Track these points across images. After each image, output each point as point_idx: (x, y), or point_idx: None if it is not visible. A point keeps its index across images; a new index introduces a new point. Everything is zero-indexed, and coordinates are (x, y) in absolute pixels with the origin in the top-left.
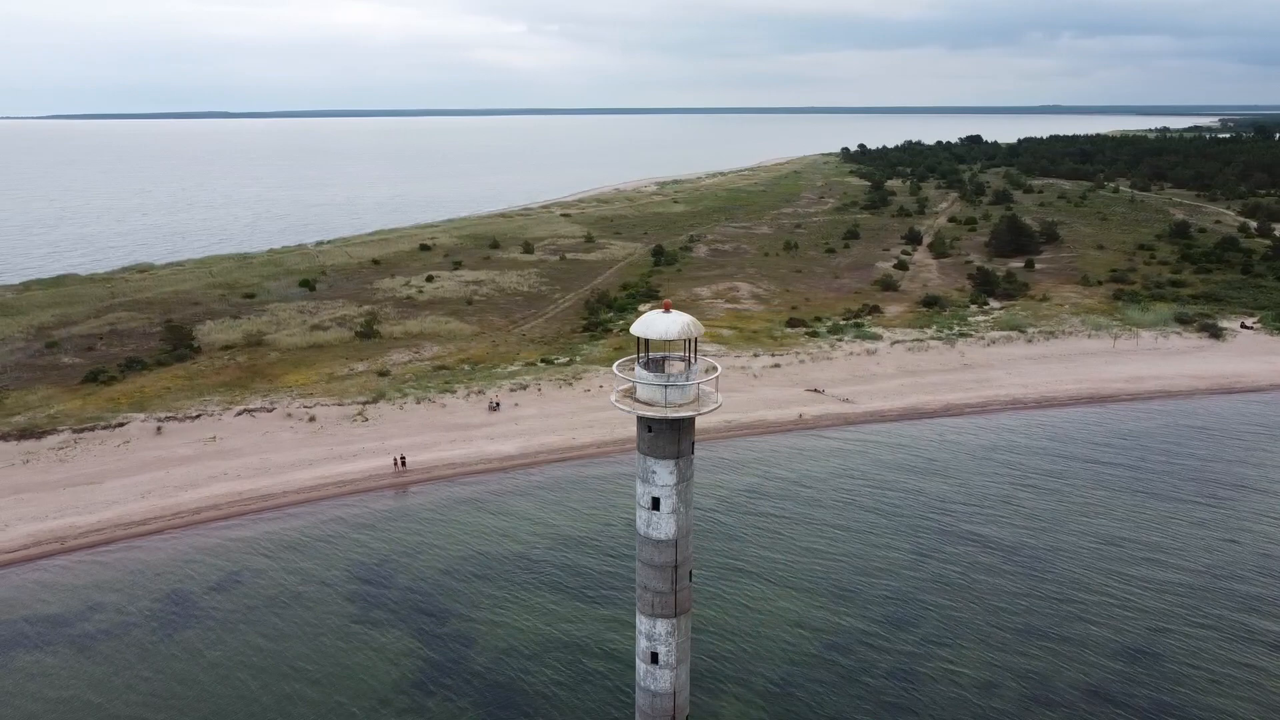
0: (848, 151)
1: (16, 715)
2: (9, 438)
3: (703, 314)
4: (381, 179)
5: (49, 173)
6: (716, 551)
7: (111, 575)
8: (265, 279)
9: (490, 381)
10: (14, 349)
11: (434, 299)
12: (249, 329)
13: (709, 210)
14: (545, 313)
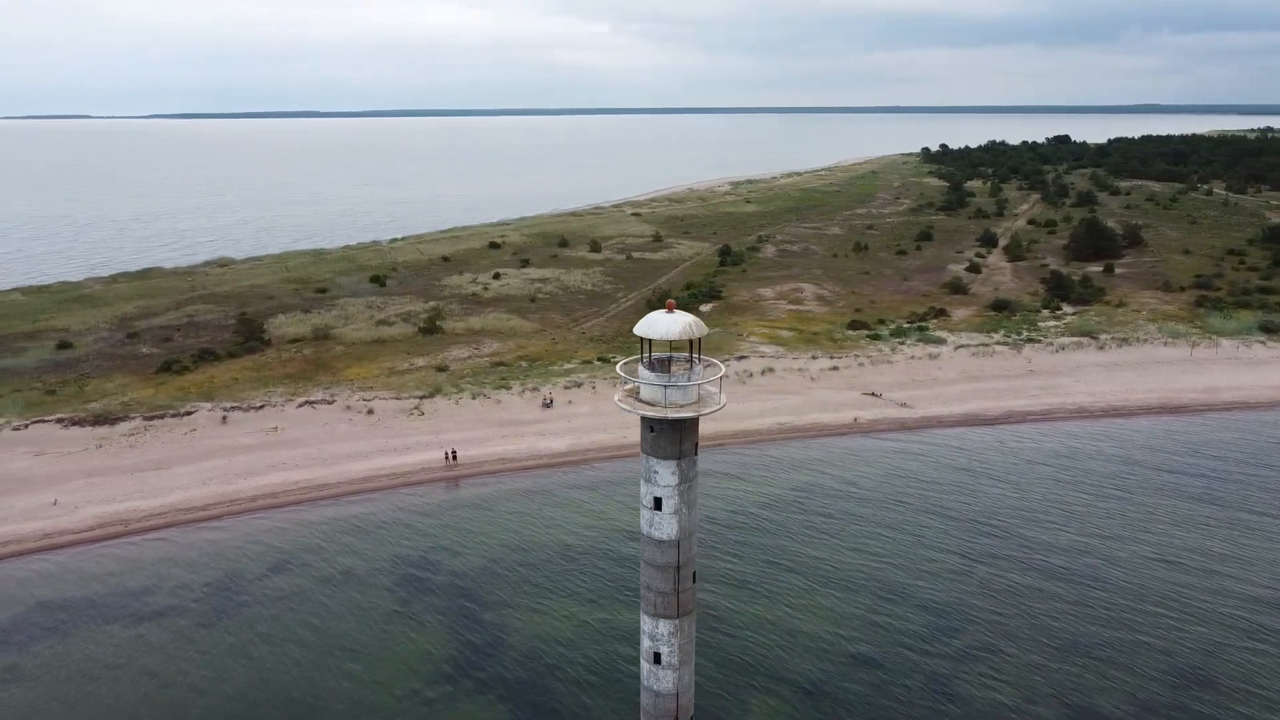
0: (928, 152)
1: (78, 684)
2: (85, 423)
3: (764, 314)
4: (459, 177)
5: (146, 171)
6: (760, 548)
7: (170, 557)
8: (338, 275)
9: (545, 379)
10: (98, 338)
11: (499, 296)
12: (317, 323)
13: (780, 210)
14: (606, 311)
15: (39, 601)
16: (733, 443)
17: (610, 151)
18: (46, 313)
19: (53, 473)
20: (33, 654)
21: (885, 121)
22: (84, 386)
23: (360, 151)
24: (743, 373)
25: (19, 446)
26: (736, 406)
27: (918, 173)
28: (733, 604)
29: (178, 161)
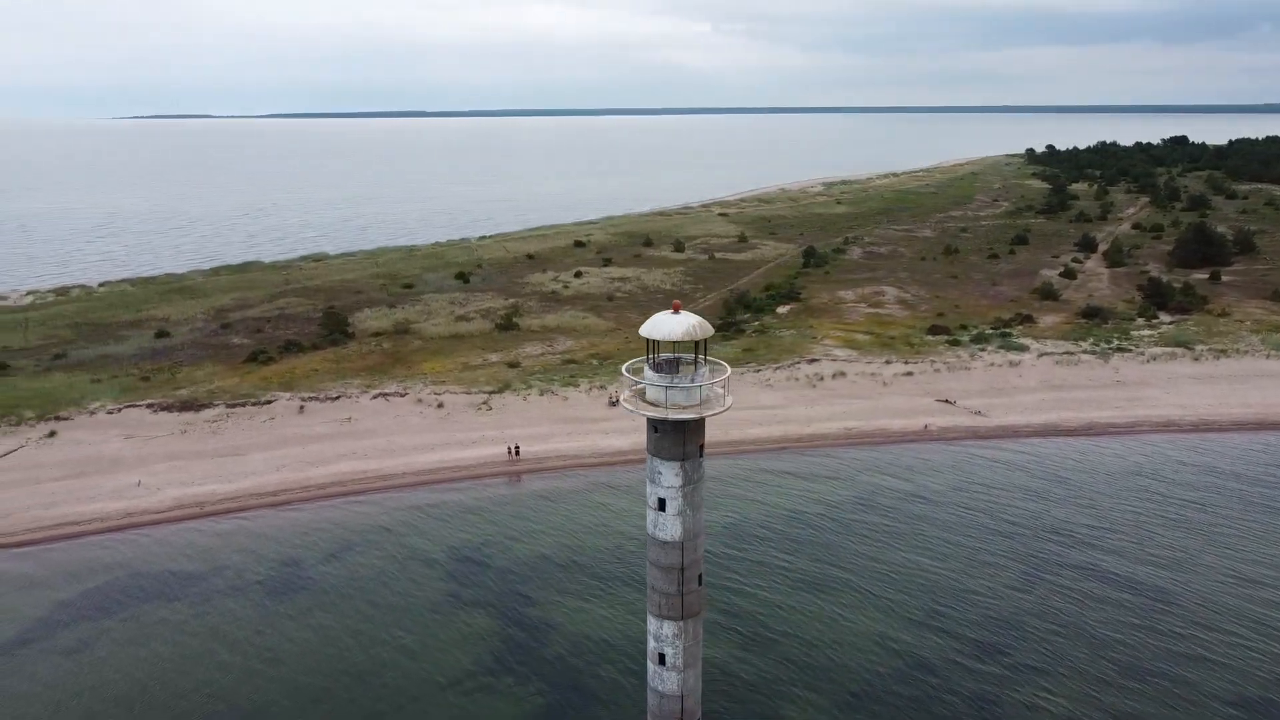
0: (1033, 153)
1: (142, 658)
2: (173, 409)
3: (842, 317)
4: (556, 176)
5: (259, 169)
6: (815, 550)
7: (239, 540)
8: (425, 271)
9: (613, 377)
10: (194, 328)
11: (577, 294)
12: (399, 318)
13: (871, 212)
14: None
15: (116, 577)
16: (797, 446)
17: (706, 151)
18: (150, 303)
19: (140, 455)
20: (106, 626)
21: (992, 121)
22: (176, 374)
23: (464, 151)
24: (813, 376)
25: (112, 429)
26: (804, 410)
27: (1020, 174)
28: (780, 605)
29: (289, 160)
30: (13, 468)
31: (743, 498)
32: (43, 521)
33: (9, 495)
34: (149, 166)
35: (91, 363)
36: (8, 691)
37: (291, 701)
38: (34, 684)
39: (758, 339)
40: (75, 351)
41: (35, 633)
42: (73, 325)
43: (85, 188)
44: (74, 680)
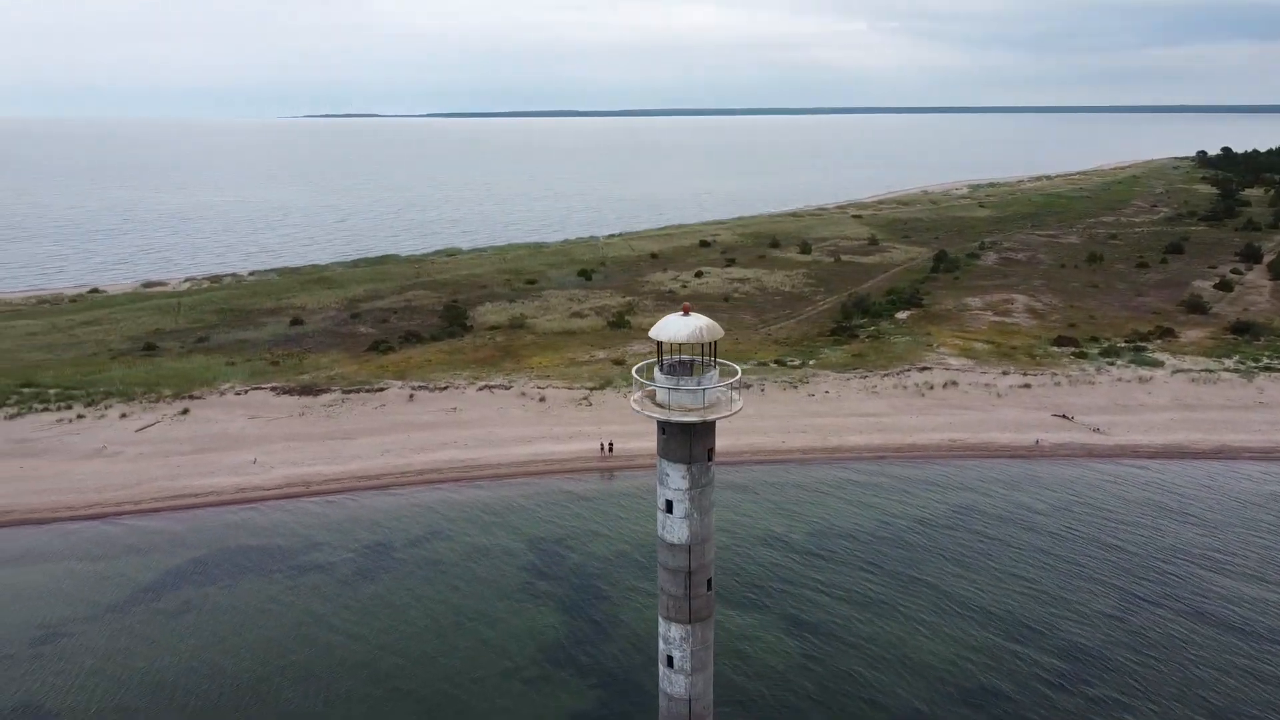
0: (1204, 155)
1: (236, 624)
2: (294, 393)
3: (963, 325)
4: (696, 175)
5: (414, 165)
6: (899, 564)
7: (335, 520)
8: (550, 267)
9: None
10: (326, 317)
11: (695, 294)
12: (516, 313)
13: (1015, 216)
14: (800, 314)
15: (222, 547)
16: (896, 456)
17: (854, 151)
18: (290, 292)
19: (259, 434)
20: (207, 592)
21: (1164, 121)
22: (302, 360)
23: (609, 150)
24: (922, 384)
25: (238, 409)
26: (909, 419)
27: (1187, 179)
28: (851, 617)
29: (442, 157)
30: (148, 441)
31: (831, 505)
32: (166, 492)
33: (141, 466)
34: (314, 163)
35: (230, 346)
36: (116, 644)
37: (366, 674)
38: (138, 640)
39: (869, 344)
40: (217, 335)
41: (145, 593)
42: (219, 311)
43: (254, 183)
44: (174, 639)
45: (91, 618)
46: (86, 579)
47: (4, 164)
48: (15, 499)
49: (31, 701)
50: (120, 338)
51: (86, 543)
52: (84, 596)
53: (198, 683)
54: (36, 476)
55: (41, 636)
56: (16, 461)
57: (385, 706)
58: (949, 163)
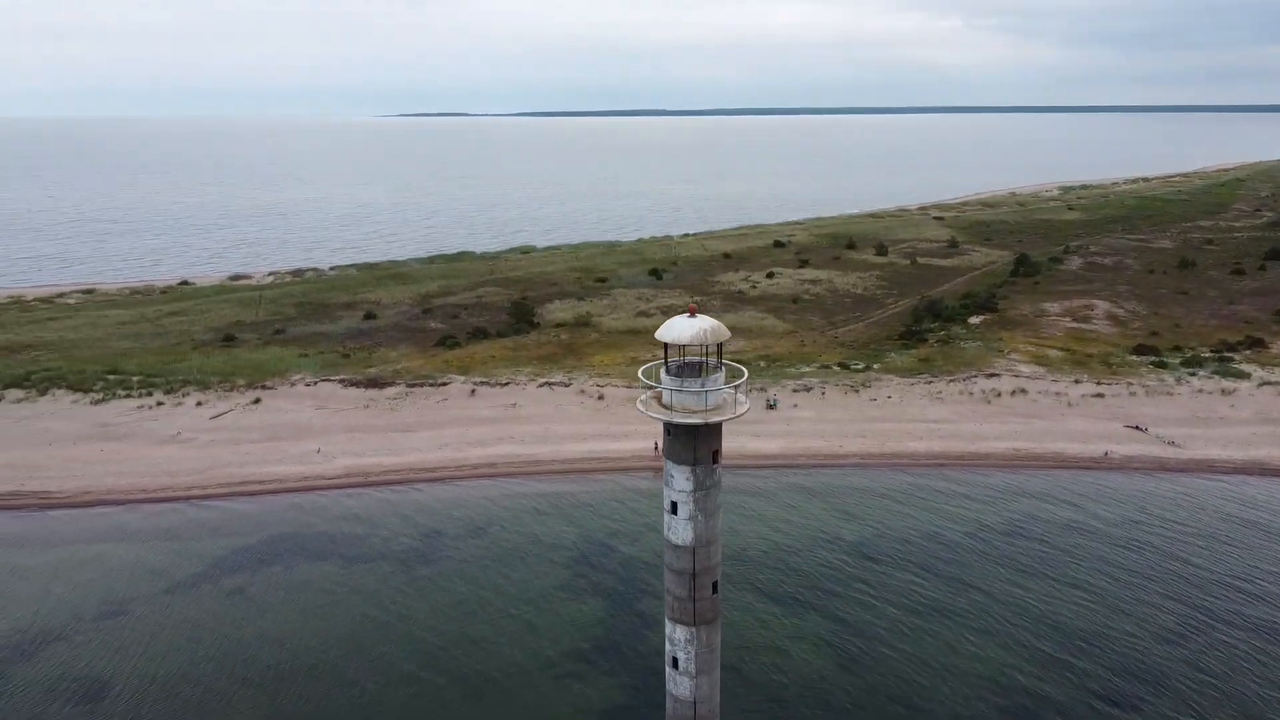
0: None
1: (294, 604)
2: (360, 385)
3: (1038, 331)
4: (781, 175)
5: (502, 164)
6: (947, 574)
7: (393, 510)
8: (621, 266)
9: (776, 379)
10: (399, 312)
11: (764, 295)
12: (583, 311)
13: (1106, 219)
14: (869, 317)
15: (282, 532)
16: (957, 464)
17: (942, 151)
18: (367, 287)
19: (325, 425)
20: (268, 573)
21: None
22: (372, 353)
23: (695, 149)
24: (989, 391)
25: (307, 400)
26: (972, 426)
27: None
28: (896, 626)
29: (528, 156)
30: (221, 428)
31: (886, 510)
32: (234, 478)
33: (213, 452)
34: (403, 161)
35: (304, 339)
36: (180, 618)
37: (413, 654)
38: (201, 615)
39: (938, 349)
40: (293, 328)
41: (210, 572)
42: (297, 304)
43: (345, 180)
44: (235, 615)
45: (157, 594)
46: (155, 557)
47: (116, 161)
48: (95, 480)
49: (98, 671)
50: (203, 329)
51: (157, 523)
52: (152, 573)
53: (256, 656)
54: (116, 459)
55: (110, 610)
56: (98, 444)
57: (430, 685)
58: (1041, 163)
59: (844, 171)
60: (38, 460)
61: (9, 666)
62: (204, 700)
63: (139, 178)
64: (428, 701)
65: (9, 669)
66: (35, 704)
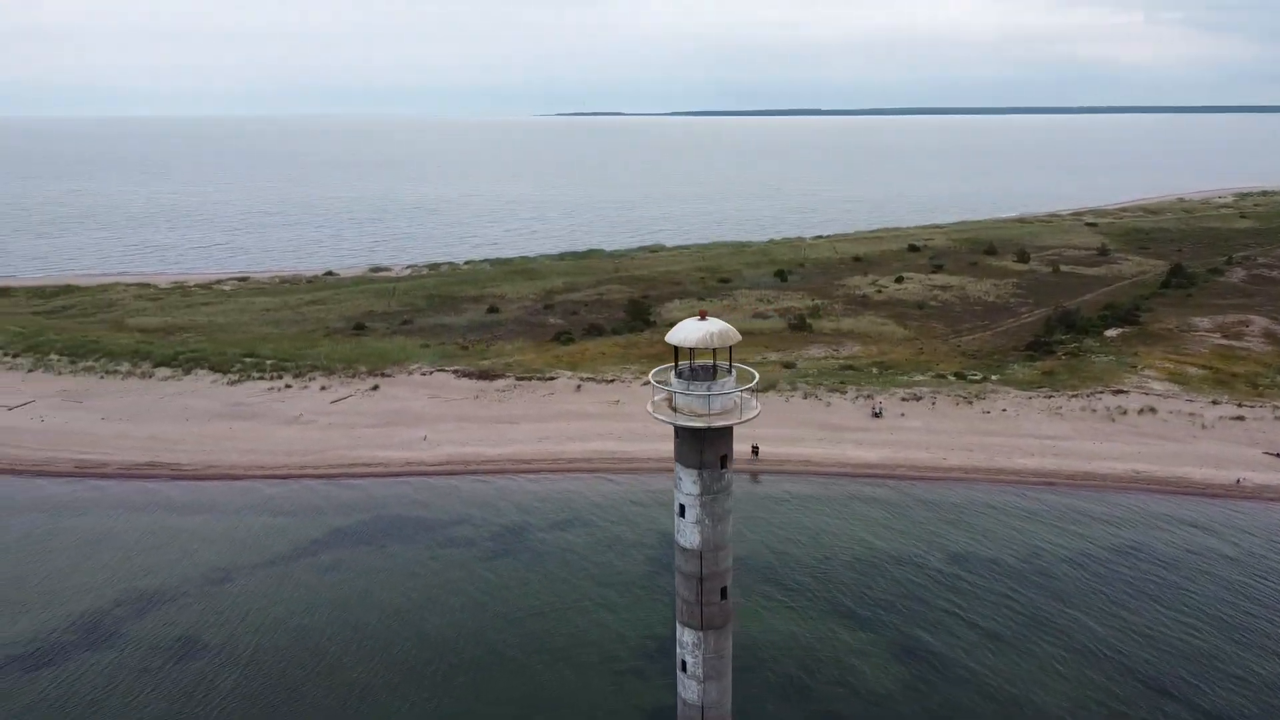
0: None
1: (381, 584)
2: (472, 376)
3: (1180, 347)
4: (929, 177)
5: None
6: (1035, 598)
7: (485, 499)
8: (747, 267)
9: (886, 387)
10: (522, 307)
11: (889, 300)
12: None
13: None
14: (998, 326)
15: (379, 515)
16: (1068, 484)
17: (1110, 153)
18: (495, 281)
19: (435, 414)
20: (360, 553)
21: None
22: (489, 346)
23: (844, 149)
24: (1114, 409)
25: (421, 389)
26: (1090, 445)
27: None
28: (977, 649)
29: (675, 155)
30: (340, 412)
31: (981, 528)
32: (344, 460)
33: (328, 435)
34: (552, 159)
35: (429, 330)
36: (274, 591)
37: (480, 643)
38: (294, 589)
39: (1065, 362)
40: (420, 319)
41: (309, 548)
42: (427, 296)
43: (494, 178)
44: (324, 591)
45: (258, 566)
46: (261, 530)
47: (286, 157)
48: (219, 456)
49: (195, 635)
50: (337, 317)
51: (267, 500)
52: (256, 545)
53: (336, 632)
54: (241, 438)
55: (215, 578)
56: (227, 423)
57: (491, 673)
58: (1217, 167)
59: (997, 174)
60: (174, 435)
61: (123, 623)
62: (286, 667)
63: (298, 172)
64: (499, 675)
65: (123, 625)
66: (142, 658)
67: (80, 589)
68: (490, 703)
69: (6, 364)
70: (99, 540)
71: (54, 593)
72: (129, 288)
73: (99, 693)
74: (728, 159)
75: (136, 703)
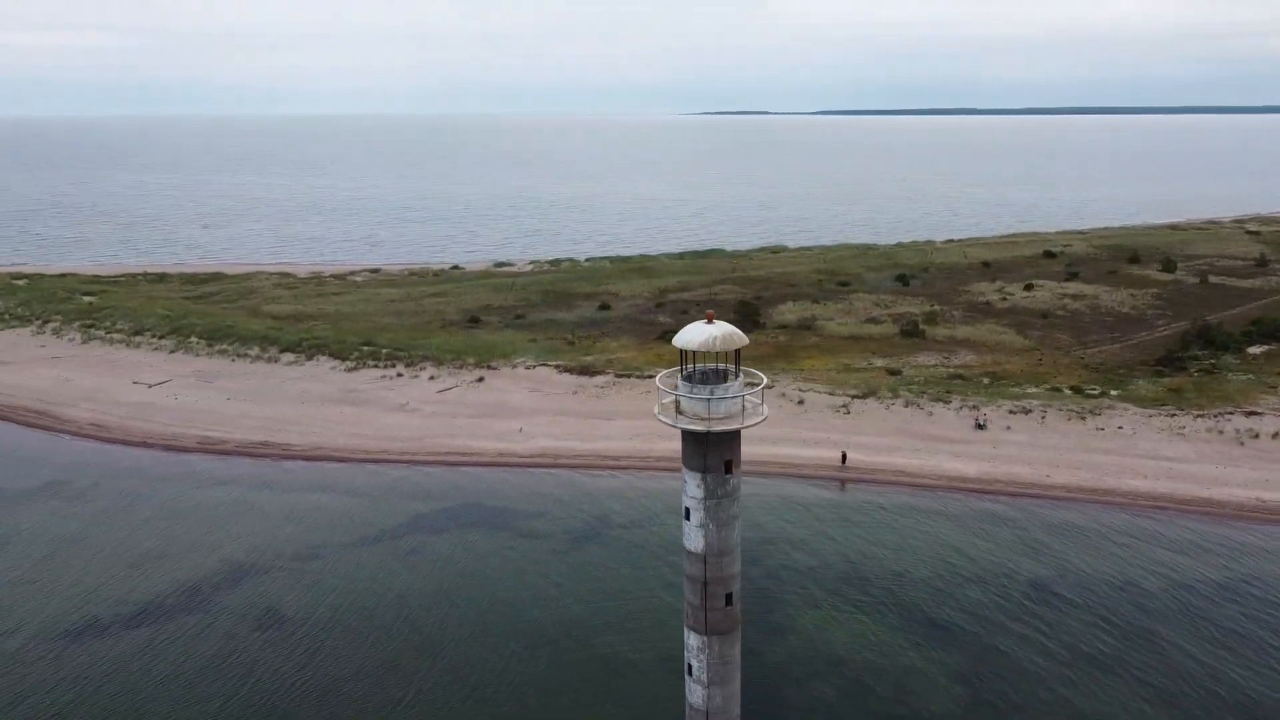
0: None
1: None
2: (573, 371)
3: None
4: (1085, 180)
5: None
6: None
7: (568, 492)
8: (869, 270)
9: (993, 399)
10: (633, 305)
11: (1013, 308)
12: (811, 313)
13: None
14: (1129, 339)
15: (465, 502)
16: (1182, 509)
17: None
18: (611, 279)
19: (534, 407)
20: (440, 538)
21: None
22: (595, 343)
23: (998, 151)
24: (1244, 431)
25: (524, 382)
26: (1212, 469)
27: None
28: (1054, 677)
29: (819, 155)
30: (444, 402)
31: (1079, 551)
32: (441, 448)
33: (429, 423)
34: (692, 158)
35: (540, 325)
36: (357, 570)
37: (538, 636)
38: (375, 569)
39: (1197, 380)
40: (533, 314)
41: (396, 530)
42: (544, 292)
43: (631, 176)
44: (403, 573)
45: (348, 543)
46: (355, 511)
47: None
48: (328, 439)
49: (283, 604)
50: (455, 310)
51: (365, 482)
52: (348, 524)
53: (407, 615)
54: (350, 422)
55: (305, 553)
56: (339, 408)
57: (541, 666)
58: None
59: (1162, 177)
60: (290, 416)
61: (217, 591)
62: (360, 643)
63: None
64: (562, 668)
65: (217, 593)
66: (230, 623)
67: (183, 556)
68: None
69: (153, 345)
70: (207, 511)
71: (164, 557)
72: (270, 276)
73: (185, 656)
74: (870, 159)
75: (222, 667)
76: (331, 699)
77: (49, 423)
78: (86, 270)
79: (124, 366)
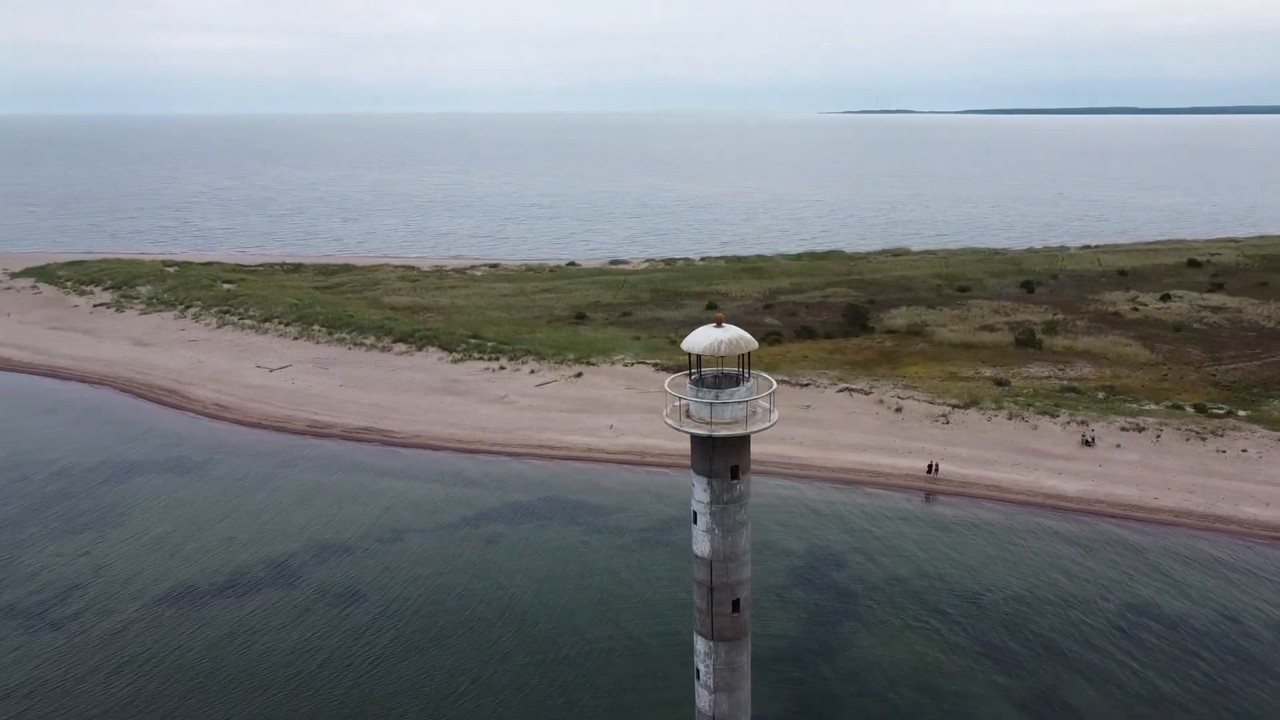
0: None
1: (529, 563)
2: (670, 370)
3: None
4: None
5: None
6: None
7: (648, 491)
8: (991, 275)
9: (1106, 415)
10: (741, 305)
11: (1143, 319)
12: (924, 318)
13: None
14: (1270, 356)
15: (547, 495)
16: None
17: None
18: (723, 279)
19: (626, 404)
20: (518, 529)
21: None
22: None
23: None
24: None
25: (620, 379)
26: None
27: None
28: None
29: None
30: (541, 395)
31: (1173, 582)
32: (531, 441)
33: (523, 416)
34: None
35: (645, 323)
36: (434, 555)
37: (595, 632)
38: (451, 556)
39: None
40: (640, 312)
41: (476, 519)
42: (653, 290)
43: (767, 175)
44: (478, 562)
45: (430, 528)
46: (440, 498)
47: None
48: (425, 427)
49: (356, 588)
50: (564, 306)
51: (452, 471)
52: (432, 511)
53: (478, 605)
54: (450, 411)
55: (387, 537)
56: (440, 398)
57: (588, 664)
58: None
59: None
60: (394, 404)
61: (304, 568)
62: (429, 628)
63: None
64: (619, 661)
65: (304, 570)
66: (308, 599)
67: (275, 534)
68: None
69: (279, 331)
70: (304, 492)
71: (260, 533)
72: (395, 269)
73: (267, 627)
74: (1013, 159)
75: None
76: (426, 679)
77: (178, 401)
78: (231, 259)
79: (251, 351)
